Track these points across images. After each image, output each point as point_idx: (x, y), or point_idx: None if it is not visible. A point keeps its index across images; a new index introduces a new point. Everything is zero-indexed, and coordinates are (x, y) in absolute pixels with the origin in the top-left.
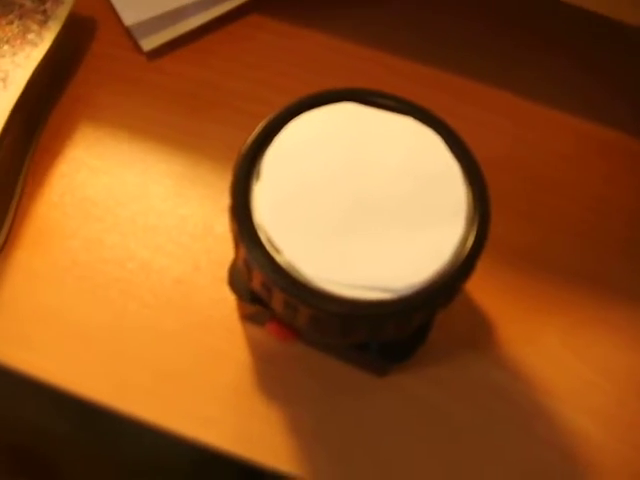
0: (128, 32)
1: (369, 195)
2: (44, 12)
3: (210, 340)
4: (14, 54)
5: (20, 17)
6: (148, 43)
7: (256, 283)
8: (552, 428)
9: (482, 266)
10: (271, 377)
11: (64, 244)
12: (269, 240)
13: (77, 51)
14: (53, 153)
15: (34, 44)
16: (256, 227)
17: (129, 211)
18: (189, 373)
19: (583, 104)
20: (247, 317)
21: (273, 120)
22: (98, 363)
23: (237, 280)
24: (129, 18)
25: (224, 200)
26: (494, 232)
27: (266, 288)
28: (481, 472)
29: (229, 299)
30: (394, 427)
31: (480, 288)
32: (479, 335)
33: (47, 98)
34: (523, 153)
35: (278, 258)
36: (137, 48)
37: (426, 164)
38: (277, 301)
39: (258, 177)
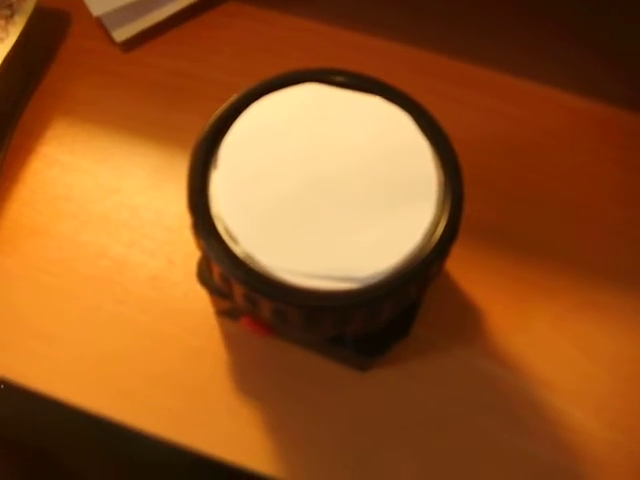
0: (101, 24)
1: (333, 179)
2: (10, 6)
3: (186, 337)
4: None
5: None
6: (121, 34)
7: (216, 276)
8: (543, 419)
9: (468, 252)
10: (249, 374)
11: (37, 242)
12: (226, 230)
13: (50, 45)
14: (26, 150)
15: (0, 39)
16: (213, 217)
17: (102, 207)
18: (164, 371)
19: (572, 79)
20: (222, 312)
21: (231, 105)
22: (71, 362)
23: (207, 274)
24: (97, 8)
25: None
26: (480, 215)
27: (225, 281)
28: (469, 467)
29: (205, 294)
30: (377, 423)
31: (466, 275)
32: (466, 325)
33: (19, 95)
34: (510, 131)
35: (235, 249)
36: (111, 40)
37: (394, 144)
38: (238, 295)
39: (216, 165)
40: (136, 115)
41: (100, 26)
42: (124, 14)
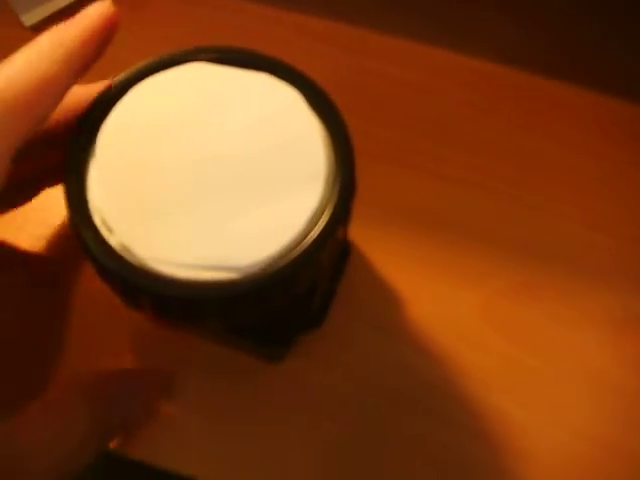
0: (9, 8)
1: (217, 164)
2: None
3: (91, 326)
4: None
5: None
6: (30, 18)
7: (95, 269)
8: (471, 412)
9: (390, 236)
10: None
11: None
12: (103, 222)
13: None
14: None
15: None
16: (91, 209)
17: None
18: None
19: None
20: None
21: (110, 89)
22: None
23: None
24: None
25: None
26: (402, 198)
27: (102, 273)
28: (389, 460)
29: None
30: (290, 418)
31: (389, 261)
32: (386, 314)
33: None
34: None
35: (111, 240)
36: (21, 24)
37: (282, 125)
38: (118, 290)
39: (94, 153)
40: None
41: (8, 9)
42: None
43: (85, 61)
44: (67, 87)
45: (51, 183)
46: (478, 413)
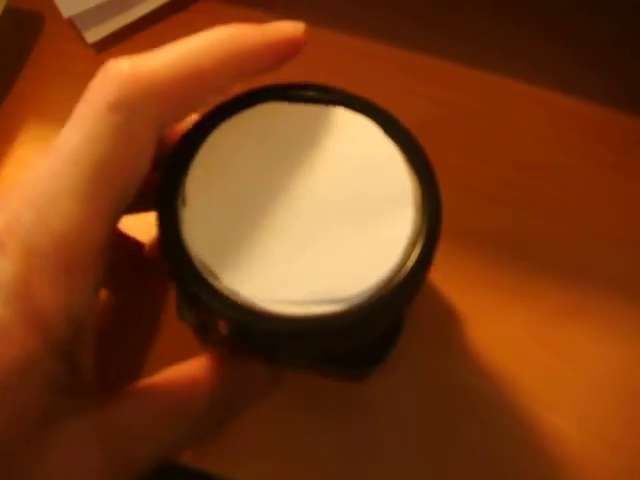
0: (73, 25)
1: (306, 200)
2: None
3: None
4: None
5: None
6: (92, 35)
7: (200, 314)
8: (523, 426)
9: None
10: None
11: None
12: (205, 267)
13: (22, 48)
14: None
15: None
16: (191, 257)
17: None
18: None
19: (555, 79)
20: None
21: (189, 135)
22: None
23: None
24: (68, 9)
25: None
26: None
27: (210, 318)
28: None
29: None
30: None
31: (444, 281)
32: (445, 331)
33: None
34: (493, 133)
35: (217, 285)
36: (84, 41)
37: (364, 156)
38: (224, 331)
39: (184, 202)
40: None
41: (72, 27)
42: (96, 15)
43: (249, 69)
44: (224, 88)
45: None
46: (530, 426)
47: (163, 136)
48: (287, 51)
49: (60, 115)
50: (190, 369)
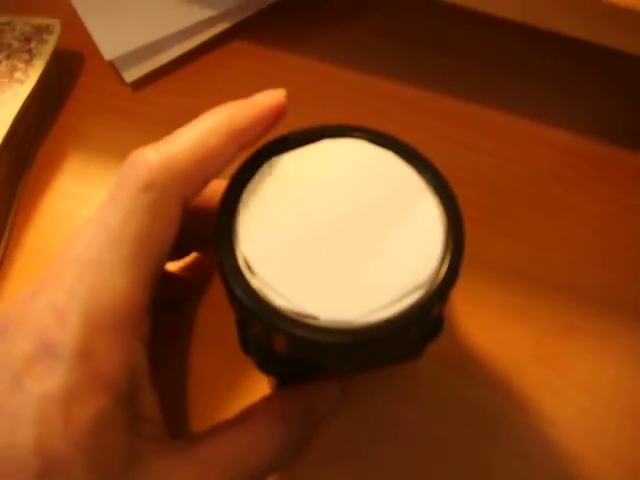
0: (112, 65)
1: (347, 227)
2: (29, 51)
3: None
4: (2, 92)
5: (8, 57)
6: (130, 75)
7: (279, 345)
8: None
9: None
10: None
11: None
12: (266, 285)
13: (65, 84)
14: (42, 183)
15: (20, 82)
16: (251, 273)
17: None
18: None
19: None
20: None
21: (251, 158)
22: None
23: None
24: (109, 53)
25: None
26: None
27: (284, 343)
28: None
29: None
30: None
31: (453, 301)
32: (449, 347)
33: (36, 130)
34: (500, 169)
35: (278, 302)
36: (122, 80)
37: (401, 196)
38: (289, 352)
39: (240, 213)
40: None
41: (111, 66)
42: (134, 56)
43: (250, 139)
44: (231, 160)
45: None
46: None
47: (188, 205)
48: (276, 117)
49: (97, 146)
50: (265, 407)
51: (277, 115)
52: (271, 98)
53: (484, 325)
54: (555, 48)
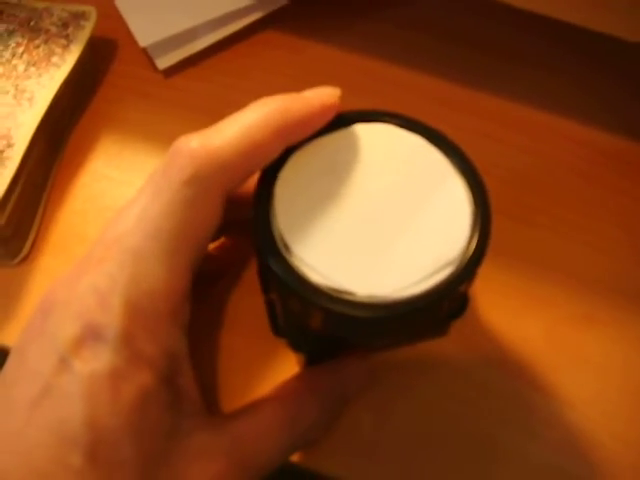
0: (145, 52)
1: (379, 211)
2: (67, 36)
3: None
4: (39, 75)
5: (46, 41)
6: (163, 62)
7: (315, 321)
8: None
9: None
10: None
11: (85, 249)
12: (307, 265)
13: (99, 70)
14: (76, 165)
15: (57, 66)
16: (290, 253)
17: None
18: None
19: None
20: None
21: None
22: None
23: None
24: (144, 40)
25: None
26: None
27: (319, 317)
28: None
29: None
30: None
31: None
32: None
33: (71, 114)
34: (522, 162)
35: (321, 282)
36: (154, 66)
37: (432, 179)
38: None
39: (276, 195)
40: (175, 134)
41: (143, 53)
42: (167, 44)
43: (298, 137)
44: (274, 154)
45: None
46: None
47: (230, 196)
48: (326, 117)
49: (129, 130)
50: (296, 384)
51: (328, 115)
52: (324, 95)
53: (506, 312)
54: (578, 46)
